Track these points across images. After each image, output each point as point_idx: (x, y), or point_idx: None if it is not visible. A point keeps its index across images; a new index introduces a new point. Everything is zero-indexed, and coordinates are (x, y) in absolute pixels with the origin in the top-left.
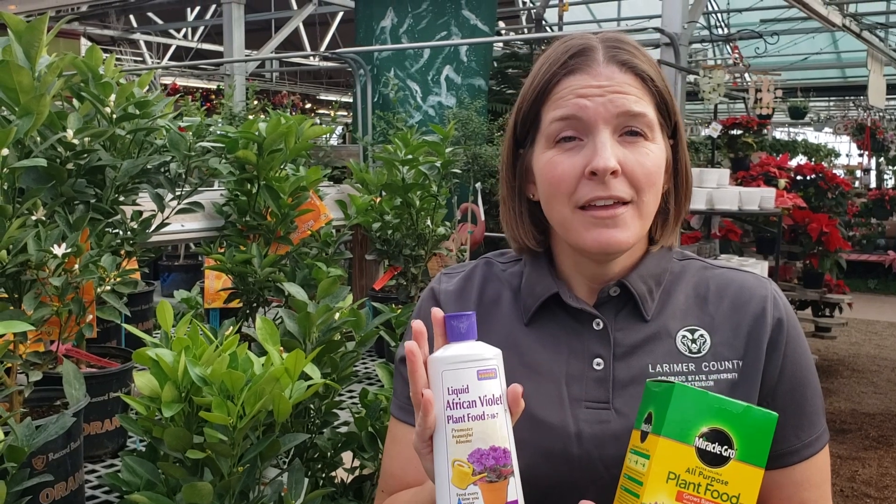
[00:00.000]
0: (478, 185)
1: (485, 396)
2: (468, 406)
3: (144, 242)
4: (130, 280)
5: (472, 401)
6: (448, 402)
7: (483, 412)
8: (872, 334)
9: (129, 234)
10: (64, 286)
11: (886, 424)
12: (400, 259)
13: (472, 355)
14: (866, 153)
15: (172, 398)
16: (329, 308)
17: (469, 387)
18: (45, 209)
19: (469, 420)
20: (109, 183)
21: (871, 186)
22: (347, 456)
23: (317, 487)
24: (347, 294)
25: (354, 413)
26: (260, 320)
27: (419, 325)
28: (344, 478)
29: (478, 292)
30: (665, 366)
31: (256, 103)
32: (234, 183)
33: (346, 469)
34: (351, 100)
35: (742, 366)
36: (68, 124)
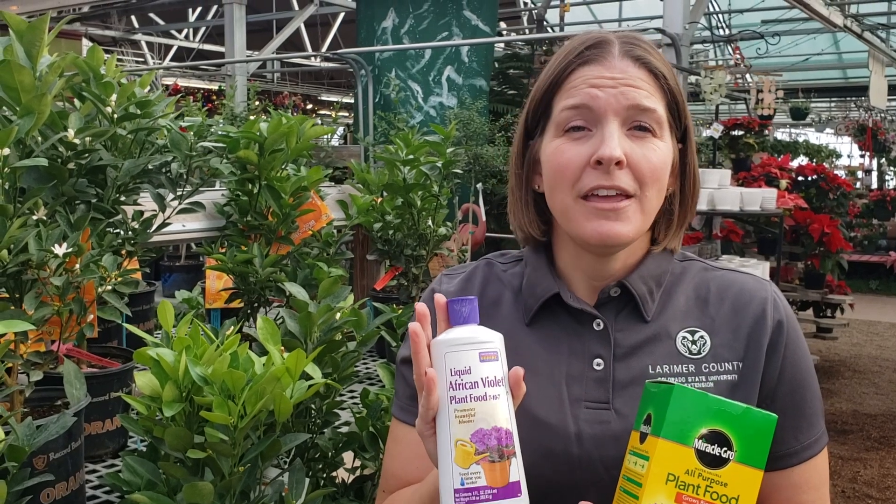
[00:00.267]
0: (479, 186)
1: (486, 378)
2: (470, 387)
3: (145, 242)
4: (131, 280)
5: (475, 382)
6: (451, 383)
7: (485, 393)
8: (874, 335)
9: (131, 234)
10: (65, 286)
11: (888, 425)
12: (401, 259)
13: (474, 338)
14: (868, 154)
15: (173, 398)
16: (330, 308)
17: (471, 368)
18: (46, 209)
19: (471, 400)
20: (111, 183)
21: (873, 187)
22: (348, 456)
23: (318, 487)
24: (348, 294)
25: (355, 413)
26: (261, 320)
27: (423, 308)
28: (345, 478)
29: (478, 293)
30: (665, 367)
31: (258, 104)
32: (236, 183)
33: (347, 469)
34: (352, 100)
35: (742, 367)
36: (69, 124)
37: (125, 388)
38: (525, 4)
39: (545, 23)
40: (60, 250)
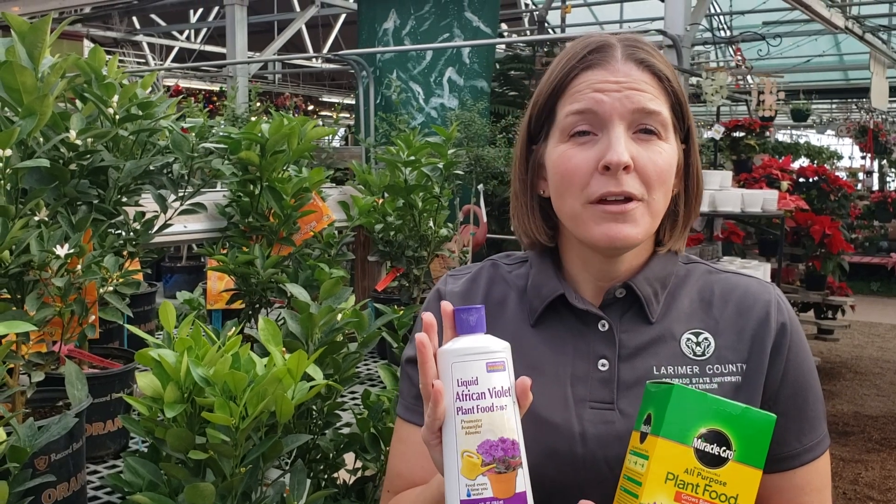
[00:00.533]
0: (480, 187)
1: (494, 388)
2: (477, 398)
3: (147, 243)
4: (133, 281)
5: (482, 392)
6: (458, 394)
7: (492, 404)
8: (875, 337)
9: (132, 235)
10: (66, 287)
11: (889, 427)
12: (402, 260)
13: (482, 348)
14: (869, 156)
15: (175, 399)
16: (331, 309)
17: (478, 379)
18: (48, 210)
19: (478, 411)
20: (112, 184)
21: (874, 189)
22: (350, 457)
23: (319, 488)
24: (350, 295)
25: (357, 414)
26: (262, 321)
27: (430, 318)
28: (346, 479)
29: (483, 294)
30: (669, 368)
31: (259, 105)
32: (237, 184)
33: (349, 470)
34: (353, 102)
35: (745, 369)
36: (71, 125)
37: (126, 389)
38: (526, 6)
39: (546, 24)
40: (62, 251)
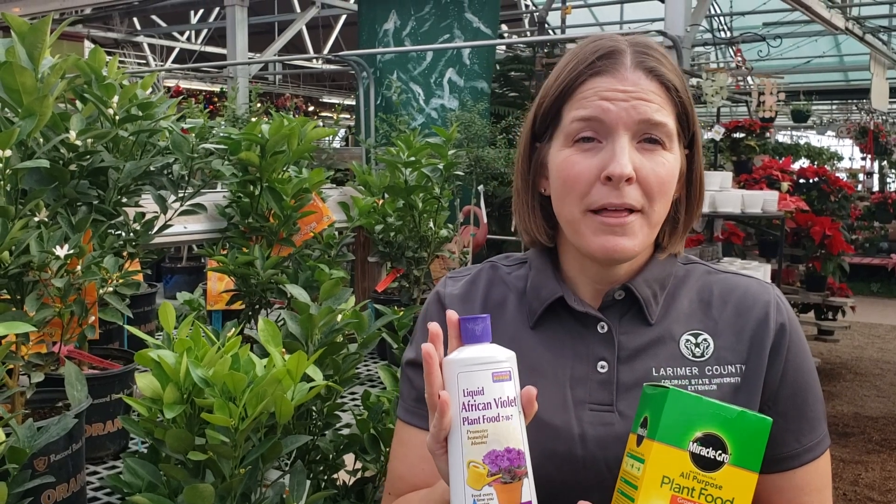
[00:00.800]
0: (480, 188)
1: (500, 398)
2: (483, 408)
3: (147, 244)
4: (133, 282)
5: (488, 402)
6: (463, 404)
7: (498, 414)
8: (875, 338)
9: (132, 236)
10: (66, 287)
11: (889, 428)
12: (402, 261)
13: (487, 358)
14: (869, 156)
15: (174, 399)
16: (331, 310)
17: (484, 389)
18: (48, 210)
19: (484, 422)
20: (112, 184)
21: (874, 190)
22: (349, 458)
23: (318, 489)
24: (350, 296)
25: (356, 415)
26: (262, 322)
27: (436, 328)
28: (346, 480)
29: (483, 296)
30: (669, 369)
31: (259, 106)
32: (237, 185)
33: (348, 471)
34: (353, 102)
35: (745, 370)
36: (71, 126)
37: (126, 390)
38: (526, 7)
39: (546, 25)
40: (62, 252)
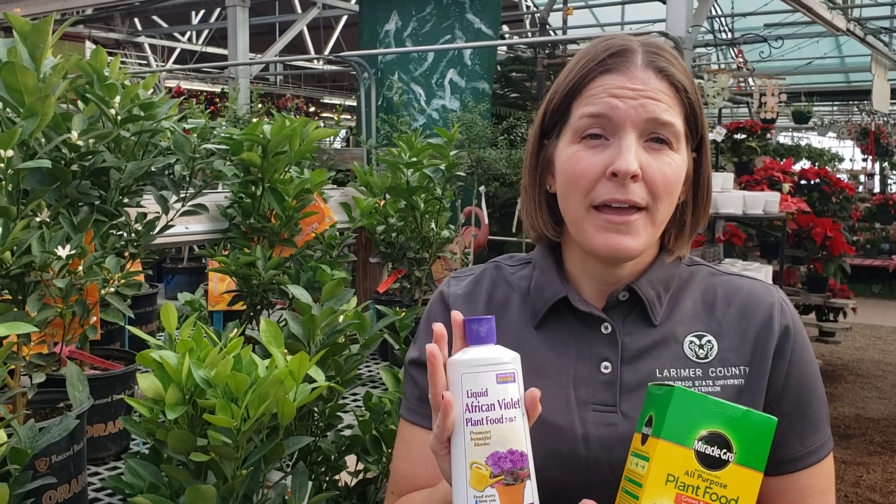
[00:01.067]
0: (481, 189)
1: (503, 400)
2: (487, 409)
3: (148, 244)
4: (134, 282)
5: (491, 404)
6: (467, 405)
7: (501, 416)
8: (876, 339)
9: (134, 236)
10: (68, 288)
11: (891, 429)
12: (404, 262)
13: (492, 359)
14: (870, 158)
15: (176, 400)
16: (333, 311)
17: (488, 390)
18: (50, 211)
19: (487, 423)
20: (114, 185)
21: (875, 191)
22: (351, 459)
23: (320, 491)
24: (352, 297)
25: (358, 416)
26: (264, 322)
27: (440, 328)
28: (348, 481)
29: (486, 295)
30: (672, 370)
31: (261, 106)
32: (239, 185)
33: (350, 472)
34: (354, 103)
35: (748, 372)
36: (73, 126)
37: (128, 391)
38: (528, 8)
39: (548, 26)
40: (63, 252)
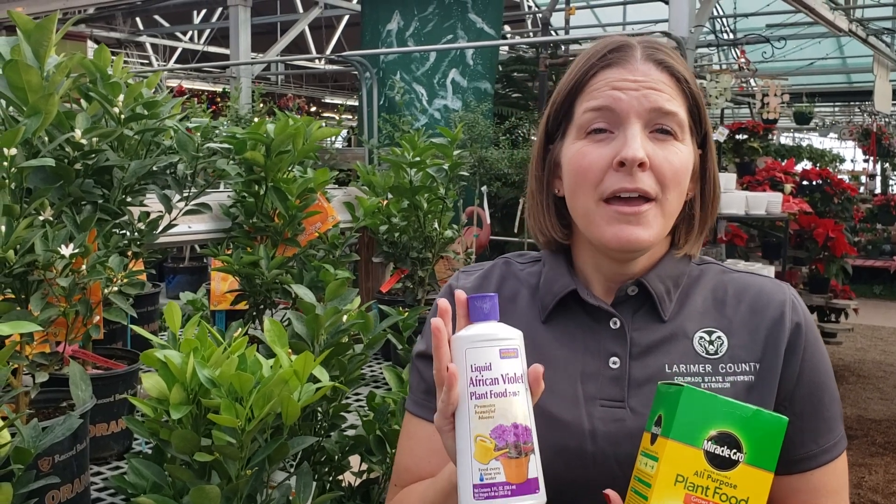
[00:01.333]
0: (483, 189)
1: (507, 374)
2: (491, 383)
3: (151, 244)
4: (137, 281)
5: (495, 378)
6: (471, 379)
7: (505, 389)
8: (878, 340)
9: (137, 235)
10: (71, 287)
11: (893, 430)
12: (407, 262)
13: (495, 334)
14: (872, 159)
15: (181, 400)
16: (337, 310)
17: (491, 364)
18: (53, 209)
19: (491, 397)
20: (117, 183)
21: (877, 192)
22: (355, 459)
23: (324, 491)
24: (355, 296)
25: (362, 416)
26: (268, 322)
27: (444, 303)
28: (351, 481)
29: (495, 289)
30: (682, 366)
31: (262, 106)
32: (242, 184)
33: (354, 472)
34: (356, 103)
35: (759, 369)
36: (76, 124)
37: (130, 390)
38: (530, 8)
39: (550, 26)
40: (67, 251)
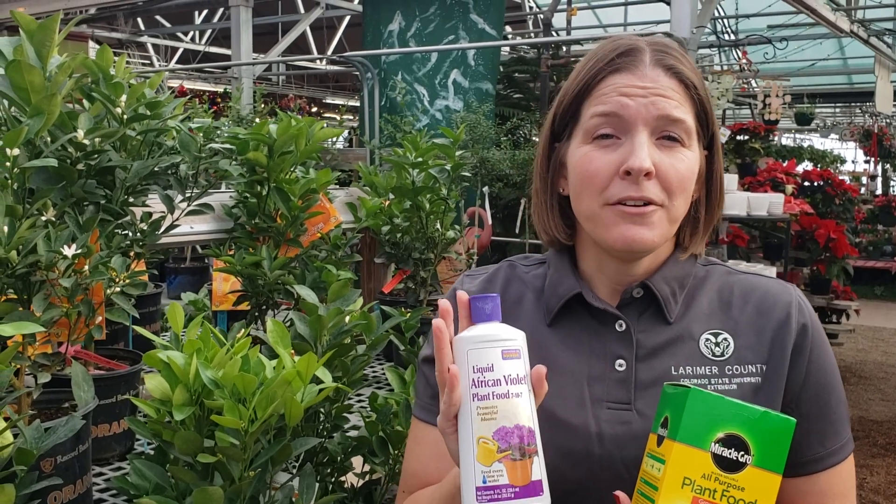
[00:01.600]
0: (485, 189)
1: (509, 376)
2: (493, 384)
3: (154, 244)
4: (139, 282)
5: (497, 379)
6: (473, 381)
7: (507, 391)
8: (879, 341)
9: (139, 236)
10: (73, 287)
11: (894, 432)
12: (409, 262)
13: (497, 335)
14: (873, 159)
15: (184, 401)
16: (340, 311)
17: (494, 365)
18: (55, 210)
19: (494, 398)
20: (119, 184)
21: (878, 193)
22: (357, 461)
23: (327, 492)
24: (358, 297)
25: (365, 417)
26: (271, 323)
27: (446, 305)
28: (354, 482)
29: (500, 293)
30: (688, 368)
31: (264, 106)
32: (244, 185)
33: (357, 474)
34: (357, 103)
35: (766, 370)
36: (79, 124)
37: (132, 391)
38: (531, 8)
39: (551, 27)
40: (69, 251)
